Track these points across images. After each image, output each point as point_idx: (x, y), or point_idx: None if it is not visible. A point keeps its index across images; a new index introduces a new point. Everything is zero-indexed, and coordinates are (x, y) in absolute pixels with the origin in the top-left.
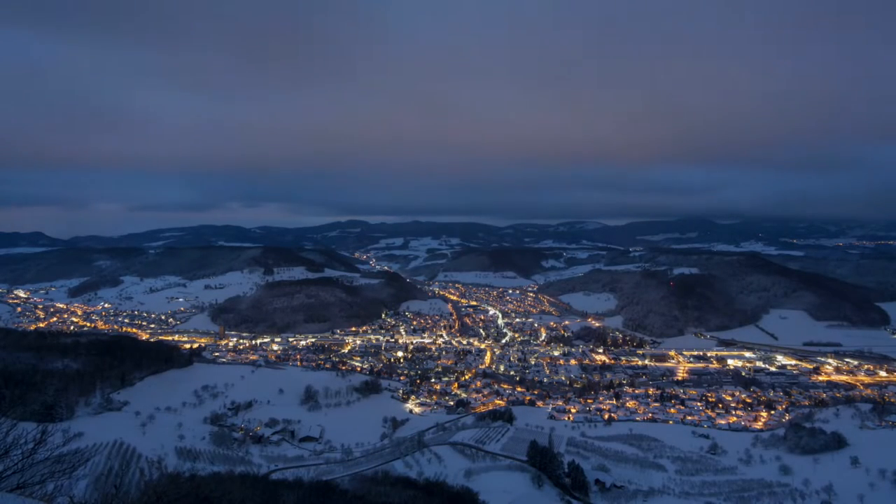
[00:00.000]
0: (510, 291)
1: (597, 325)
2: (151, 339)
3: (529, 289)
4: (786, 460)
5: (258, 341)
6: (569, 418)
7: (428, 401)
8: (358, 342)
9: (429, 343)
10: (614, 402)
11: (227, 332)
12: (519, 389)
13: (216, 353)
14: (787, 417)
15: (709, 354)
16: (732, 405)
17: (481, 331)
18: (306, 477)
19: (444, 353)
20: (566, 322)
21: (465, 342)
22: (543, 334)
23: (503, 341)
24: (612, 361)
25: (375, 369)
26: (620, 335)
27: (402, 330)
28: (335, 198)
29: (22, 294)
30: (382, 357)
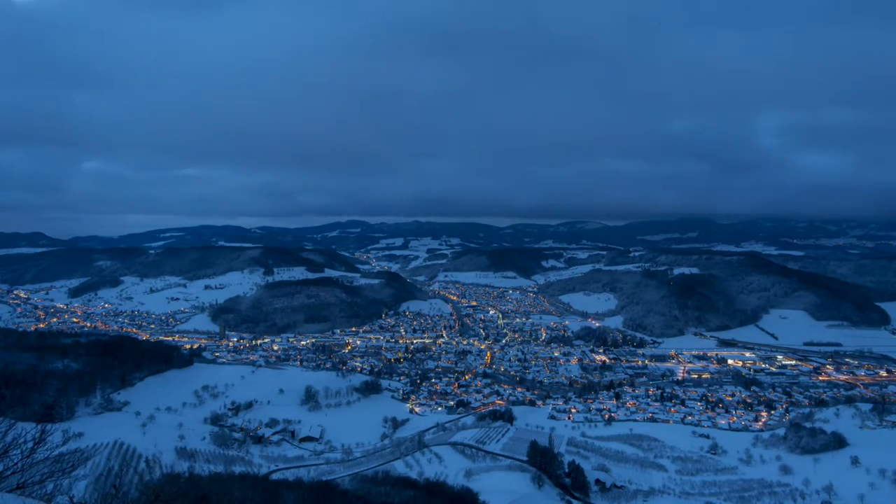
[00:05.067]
0: (510, 291)
1: (597, 325)
2: (151, 340)
3: (529, 289)
4: (786, 460)
5: (258, 341)
6: (569, 418)
7: (428, 401)
8: (358, 342)
9: (429, 343)
10: (614, 402)
11: (227, 333)
12: (519, 389)
13: (216, 354)
14: (787, 417)
15: (709, 354)
16: (733, 405)
17: (481, 331)
18: (307, 477)
19: (444, 353)
20: (566, 322)
21: (465, 342)
22: (544, 334)
23: (503, 341)
24: (613, 361)
25: (376, 369)
26: (620, 335)
27: (402, 330)
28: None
29: (22, 294)
30: (383, 357)
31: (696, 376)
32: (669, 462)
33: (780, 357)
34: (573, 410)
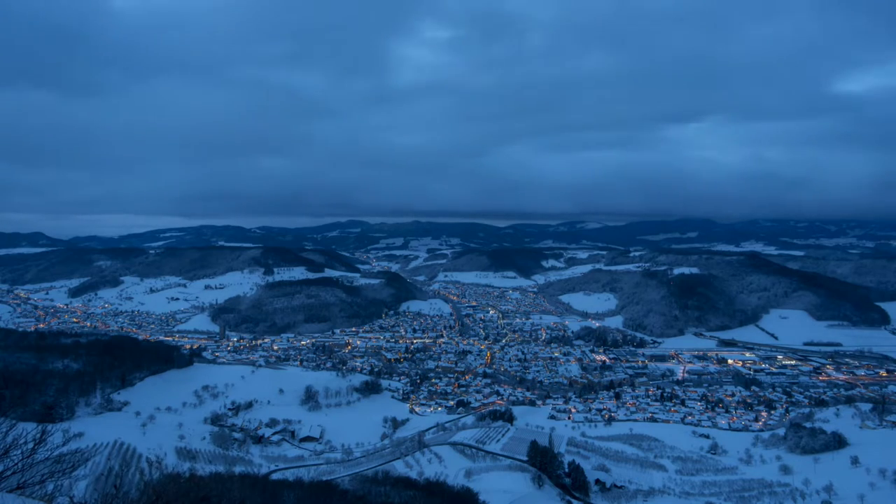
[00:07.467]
0: (510, 291)
1: (597, 325)
2: (152, 340)
3: (529, 289)
4: (786, 460)
5: (258, 341)
6: (569, 418)
7: (428, 401)
8: (358, 342)
9: (429, 343)
10: (614, 401)
11: (227, 333)
12: (519, 389)
13: (216, 354)
14: (787, 417)
15: (709, 354)
16: (733, 405)
17: (481, 331)
18: (307, 477)
19: (444, 353)
20: (566, 322)
21: (465, 342)
22: (544, 334)
23: (503, 341)
24: (613, 361)
25: (376, 369)
26: (620, 335)
27: (402, 330)
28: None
29: (22, 294)
30: (383, 357)
31: (696, 376)
32: (669, 462)
33: (780, 357)
34: (573, 410)
